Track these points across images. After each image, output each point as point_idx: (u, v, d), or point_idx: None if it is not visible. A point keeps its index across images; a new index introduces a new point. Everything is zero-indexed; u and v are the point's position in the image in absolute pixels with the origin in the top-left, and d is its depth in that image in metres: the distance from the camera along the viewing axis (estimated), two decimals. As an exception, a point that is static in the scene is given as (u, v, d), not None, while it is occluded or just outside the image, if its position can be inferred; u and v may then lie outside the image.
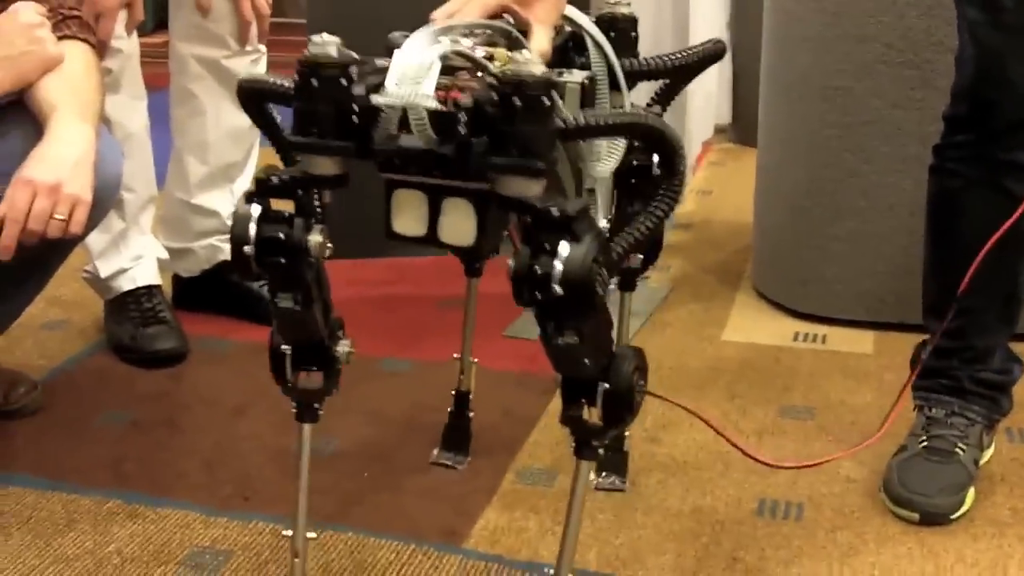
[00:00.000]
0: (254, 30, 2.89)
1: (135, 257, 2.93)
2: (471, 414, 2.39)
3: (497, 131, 1.48)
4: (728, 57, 4.67)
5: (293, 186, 1.61)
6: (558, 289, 1.45)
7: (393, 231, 1.61)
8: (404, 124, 1.52)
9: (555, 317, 1.51)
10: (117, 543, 2.13)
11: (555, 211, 1.46)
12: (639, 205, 1.89)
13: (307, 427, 1.79)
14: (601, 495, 2.25)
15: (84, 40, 2.34)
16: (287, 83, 1.63)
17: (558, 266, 1.45)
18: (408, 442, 2.46)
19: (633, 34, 1.94)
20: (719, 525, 2.16)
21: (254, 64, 2.95)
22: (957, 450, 2.21)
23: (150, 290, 2.94)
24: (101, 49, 2.53)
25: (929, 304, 2.28)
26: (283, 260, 1.61)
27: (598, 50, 1.83)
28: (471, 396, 2.39)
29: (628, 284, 2.23)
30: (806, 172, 2.99)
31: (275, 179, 1.61)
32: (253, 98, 1.70)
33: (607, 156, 1.79)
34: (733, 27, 4.65)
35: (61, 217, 2.11)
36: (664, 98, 2.01)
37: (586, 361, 1.55)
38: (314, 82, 1.53)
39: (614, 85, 1.84)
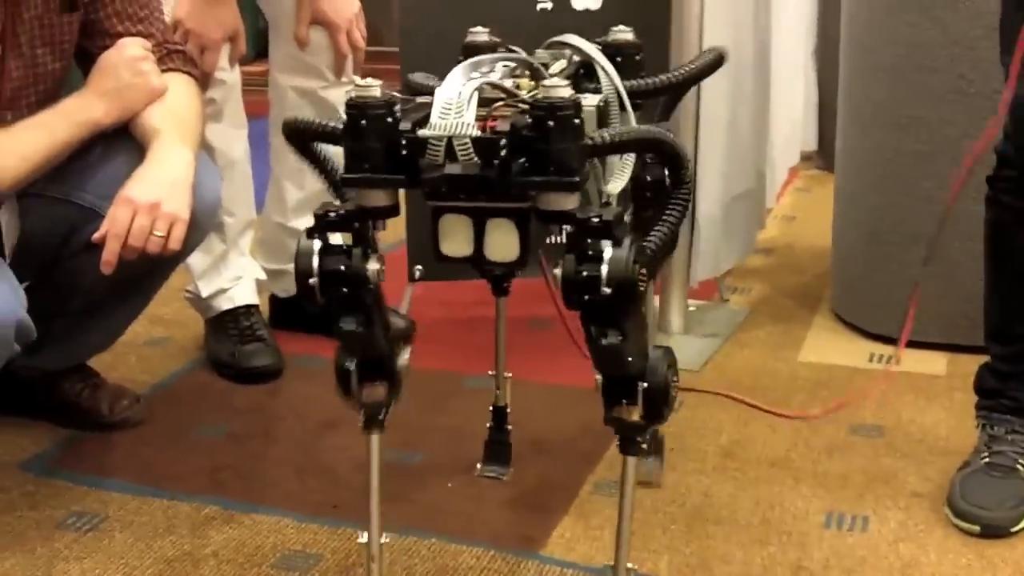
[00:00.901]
0: (350, 62, 3.01)
1: (235, 278, 3.05)
2: (509, 428, 2.50)
3: (534, 152, 1.62)
4: (814, 84, 4.74)
5: (350, 219, 1.73)
6: (606, 289, 1.59)
7: (442, 254, 1.75)
8: (449, 153, 1.65)
9: (600, 319, 1.66)
10: (213, 546, 2.25)
11: (595, 219, 1.61)
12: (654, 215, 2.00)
13: (375, 437, 1.91)
14: (675, 509, 2.34)
15: (188, 73, 2.48)
16: (331, 123, 1.77)
17: (604, 268, 1.59)
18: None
19: (637, 58, 2.07)
20: (786, 536, 2.24)
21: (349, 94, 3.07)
22: (1018, 466, 2.28)
23: (248, 309, 3.06)
24: (205, 81, 2.67)
25: (990, 329, 2.36)
26: (345, 289, 1.73)
27: (606, 75, 1.95)
28: (508, 410, 2.49)
29: None
30: (881, 198, 3.06)
31: (333, 214, 1.73)
32: (297, 137, 1.83)
33: (619, 174, 1.91)
34: (819, 55, 4.71)
35: (160, 234, 2.23)
36: (665, 112, 2.13)
37: (629, 359, 1.69)
38: (363, 122, 1.67)
39: (622, 107, 1.96)
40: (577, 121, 1.62)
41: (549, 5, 3.15)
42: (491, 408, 2.50)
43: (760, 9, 3.38)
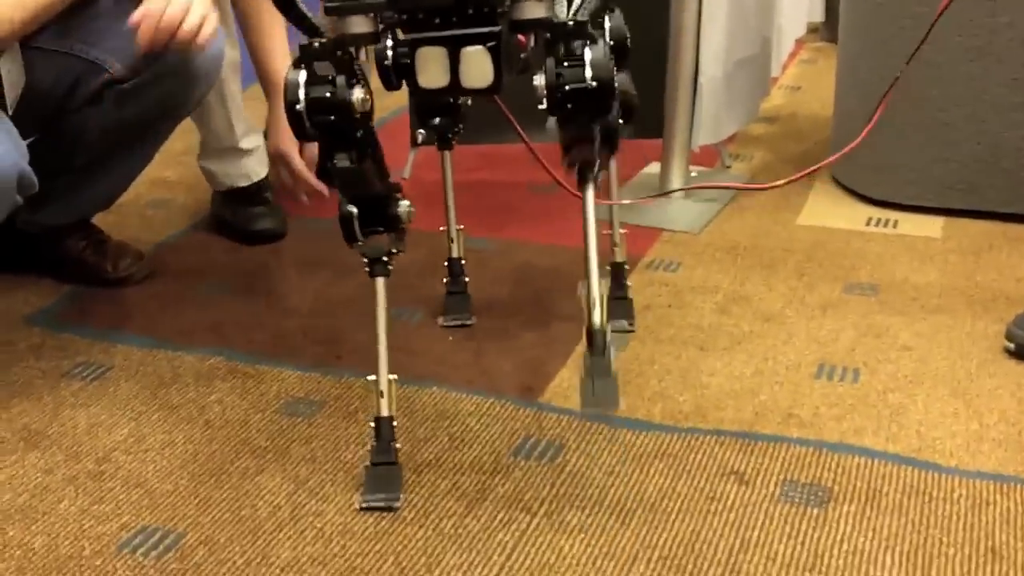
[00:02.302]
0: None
1: (247, 151, 3.05)
2: (466, 279, 2.57)
3: None
4: (823, -44, 4.72)
5: (333, 48, 1.79)
6: (592, 84, 1.72)
7: (420, 87, 1.81)
8: None
9: (572, 118, 1.79)
10: (218, 394, 2.30)
11: (570, 23, 1.73)
12: None
13: (380, 280, 1.97)
14: (670, 360, 2.38)
15: None
16: None
17: (587, 66, 1.72)
18: (489, 312, 2.60)
19: None
20: (778, 385, 2.28)
21: None
22: None
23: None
24: None
25: None
26: (332, 117, 1.79)
27: None
28: (463, 262, 2.57)
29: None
30: (880, 62, 3.07)
31: (316, 44, 1.79)
32: None
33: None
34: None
35: (193, 22, 2.26)
36: None
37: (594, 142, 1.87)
38: None
39: None
40: None
41: None
42: (446, 262, 2.57)
43: None
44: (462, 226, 2.55)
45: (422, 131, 2.42)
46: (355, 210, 1.94)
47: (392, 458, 1.98)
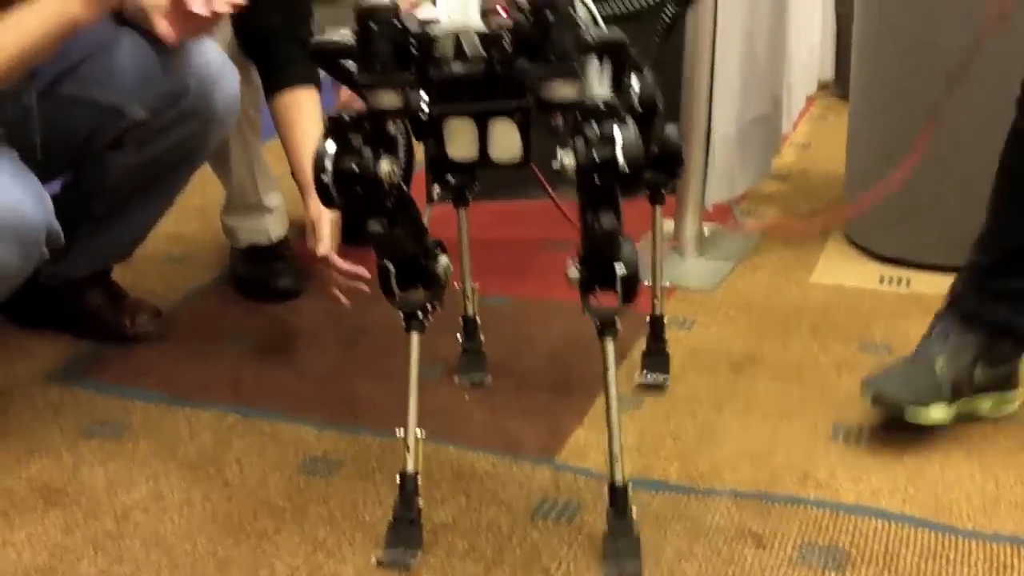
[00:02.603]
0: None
1: (267, 210, 3.08)
2: (481, 338, 2.60)
3: (536, 45, 1.71)
4: (832, 13, 4.76)
5: (361, 121, 1.82)
6: (624, 167, 1.71)
7: (450, 159, 1.83)
8: (457, 50, 1.75)
9: (602, 201, 1.78)
10: (236, 452, 2.31)
11: (601, 103, 1.73)
12: None
13: (415, 335, 2.00)
14: (686, 420, 2.39)
15: None
16: (349, 40, 1.83)
17: (619, 147, 1.71)
18: (506, 370, 2.61)
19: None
20: (794, 446, 2.29)
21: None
22: (936, 362, 2.30)
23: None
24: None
25: (978, 235, 2.39)
26: (359, 188, 1.81)
27: None
28: (478, 320, 2.59)
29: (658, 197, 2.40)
30: (893, 121, 3.09)
31: (346, 116, 1.82)
32: (326, 56, 1.88)
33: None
34: (838, -16, 4.74)
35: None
36: (676, 14, 2.21)
37: (622, 241, 1.84)
38: (372, 25, 1.74)
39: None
40: (574, 13, 1.72)
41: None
42: (461, 319, 2.59)
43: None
44: (477, 284, 2.56)
45: (438, 187, 2.44)
46: (392, 267, 1.96)
47: (414, 514, 1.99)
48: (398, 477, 1.99)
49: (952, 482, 2.16)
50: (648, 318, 2.54)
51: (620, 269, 1.87)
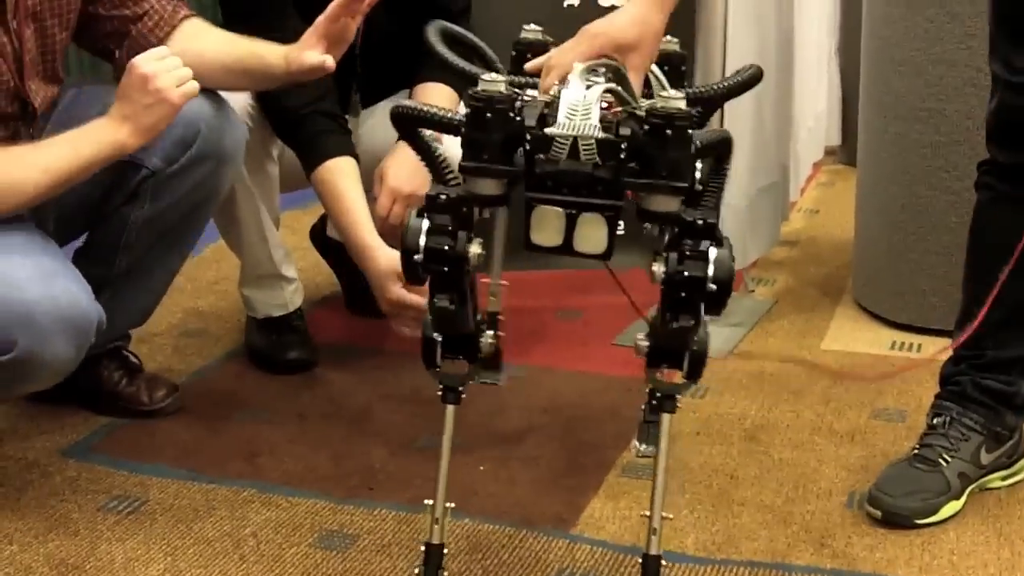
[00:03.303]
0: None
1: (286, 282, 3.08)
2: (502, 334, 2.52)
3: (647, 156, 1.73)
4: (837, 80, 4.79)
5: (459, 204, 1.82)
6: (712, 286, 1.71)
7: (532, 243, 1.82)
8: (573, 152, 1.73)
9: (684, 308, 1.76)
10: (252, 527, 2.32)
11: (700, 221, 1.72)
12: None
13: (451, 408, 1.99)
14: (701, 489, 2.40)
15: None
16: (440, 112, 1.85)
17: (711, 268, 1.70)
18: (522, 440, 2.63)
19: (683, 68, 2.16)
20: (810, 515, 2.30)
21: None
22: (941, 461, 2.30)
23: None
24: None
25: (958, 315, 2.40)
26: (446, 268, 1.82)
27: (659, 84, 2.02)
28: (501, 317, 2.50)
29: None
30: (901, 189, 3.12)
31: (443, 197, 1.81)
32: (406, 123, 1.89)
33: None
34: (842, 53, 4.77)
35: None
36: (702, 119, 2.21)
37: (695, 338, 1.84)
38: (488, 115, 1.76)
39: None
40: (690, 132, 1.72)
41: (576, 1, 3.22)
42: (647, 389, 2.57)
43: (783, 5, 3.44)
44: (506, 283, 2.51)
45: None
46: (439, 337, 1.95)
47: None
48: (423, 547, 1.99)
49: (968, 549, 2.17)
50: (648, 388, 2.55)
51: (693, 346, 1.88)
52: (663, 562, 1.91)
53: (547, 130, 1.74)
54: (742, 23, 3.13)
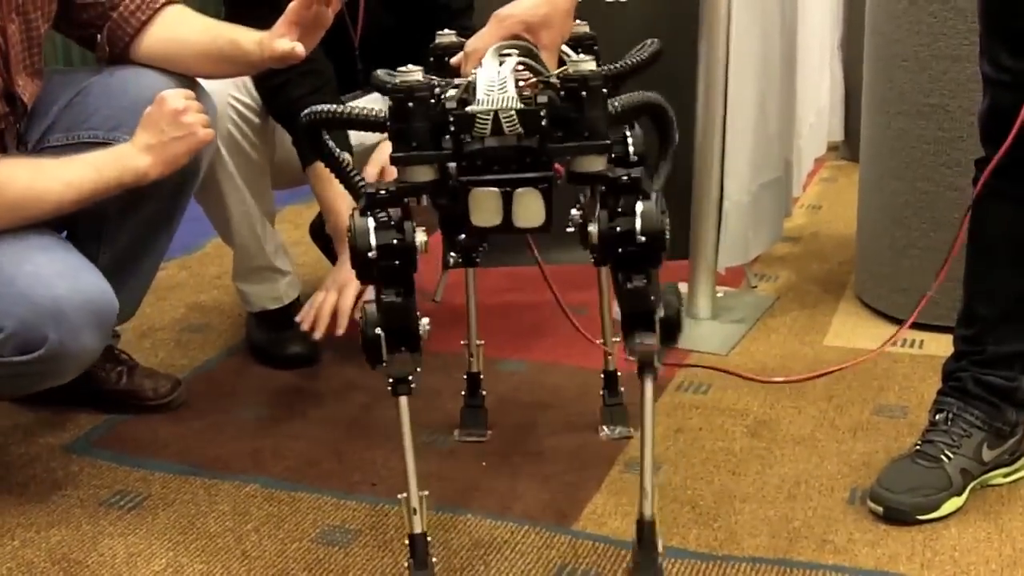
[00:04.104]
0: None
1: (281, 274, 3.09)
2: (483, 393, 2.64)
3: (568, 120, 1.80)
4: (840, 76, 4.79)
5: (400, 195, 1.86)
6: (640, 238, 1.78)
7: (473, 226, 1.87)
8: (495, 126, 1.79)
9: (629, 266, 1.85)
10: (255, 522, 2.32)
11: (625, 177, 1.81)
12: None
13: (404, 399, 1.99)
14: (703, 486, 2.40)
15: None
16: (357, 110, 1.90)
17: (638, 221, 1.78)
18: (522, 435, 2.63)
19: (595, 48, 2.24)
20: (812, 511, 2.30)
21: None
22: (943, 457, 2.29)
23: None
24: None
25: (959, 311, 2.41)
26: (396, 261, 1.85)
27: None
28: (481, 377, 2.63)
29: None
30: (904, 185, 3.12)
31: (383, 191, 1.86)
32: (315, 127, 1.93)
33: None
34: (845, 48, 4.77)
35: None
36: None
37: (651, 297, 1.88)
38: (410, 104, 1.81)
39: None
40: (605, 91, 1.79)
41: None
42: (465, 376, 2.63)
43: (787, 1, 3.43)
44: (482, 342, 2.61)
45: (453, 254, 2.48)
46: (383, 333, 1.95)
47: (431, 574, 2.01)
48: (408, 540, 2.00)
49: (969, 545, 2.17)
50: (602, 374, 2.62)
51: (660, 312, 1.92)
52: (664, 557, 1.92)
53: (468, 108, 1.79)
54: (745, 19, 3.12)
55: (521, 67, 1.91)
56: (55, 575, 2.16)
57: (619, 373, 2.61)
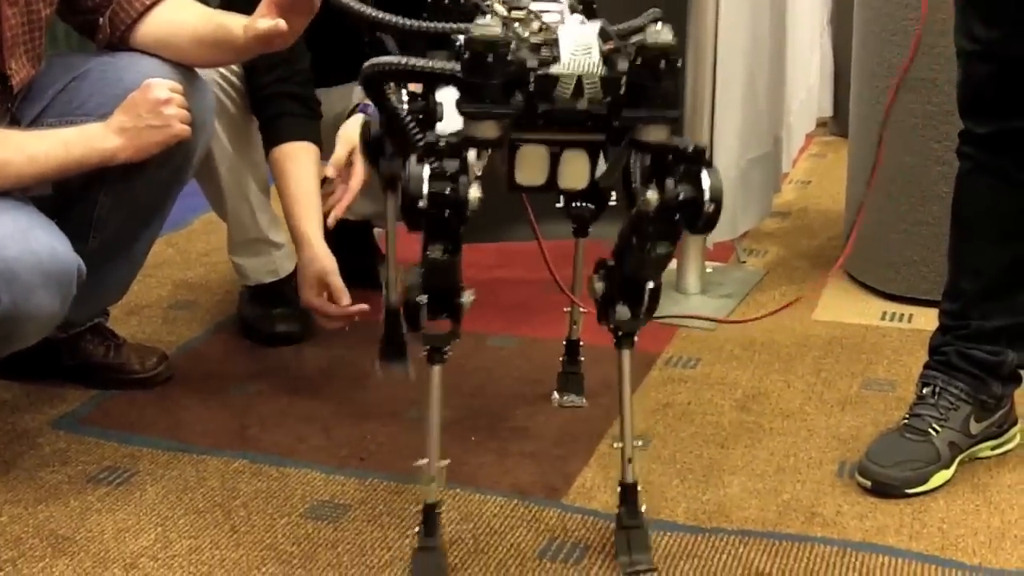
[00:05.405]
0: None
1: (276, 247, 3.06)
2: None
3: (641, 89, 1.76)
4: (830, 52, 4.78)
5: (459, 148, 1.81)
6: (710, 206, 1.77)
7: (516, 183, 1.86)
8: (577, 90, 1.77)
9: (666, 234, 1.84)
10: (243, 497, 2.31)
11: (691, 148, 1.79)
12: None
13: (436, 368, 1.98)
14: (692, 459, 2.40)
15: None
16: (421, 62, 1.86)
17: (706, 188, 1.77)
18: (512, 410, 2.63)
19: (594, 5, 2.16)
20: (800, 484, 2.30)
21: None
22: (930, 431, 2.30)
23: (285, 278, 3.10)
24: None
25: (944, 286, 2.41)
26: (447, 212, 1.80)
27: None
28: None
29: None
30: (892, 160, 3.12)
31: (443, 142, 1.81)
32: (379, 78, 1.92)
33: None
34: (834, 23, 4.76)
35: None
36: None
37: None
38: (488, 59, 1.75)
39: None
40: (679, 64, 1.77)
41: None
42: (564, 341, 2.63)
43: (776, -24, 3.43)
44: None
45: None
46: (425, 299, 1.93)
47: (438, 544, 2.02)
48: (423, 506, 2.00)
49: (958, 518, 2.17)
50: (564, 341, 2.62)
51: (650, 283, 1.95)
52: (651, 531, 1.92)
53: (552, 69, 1.76)
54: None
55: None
56: (43, 551, 2.15)
57: (580, 343, 2.62)
